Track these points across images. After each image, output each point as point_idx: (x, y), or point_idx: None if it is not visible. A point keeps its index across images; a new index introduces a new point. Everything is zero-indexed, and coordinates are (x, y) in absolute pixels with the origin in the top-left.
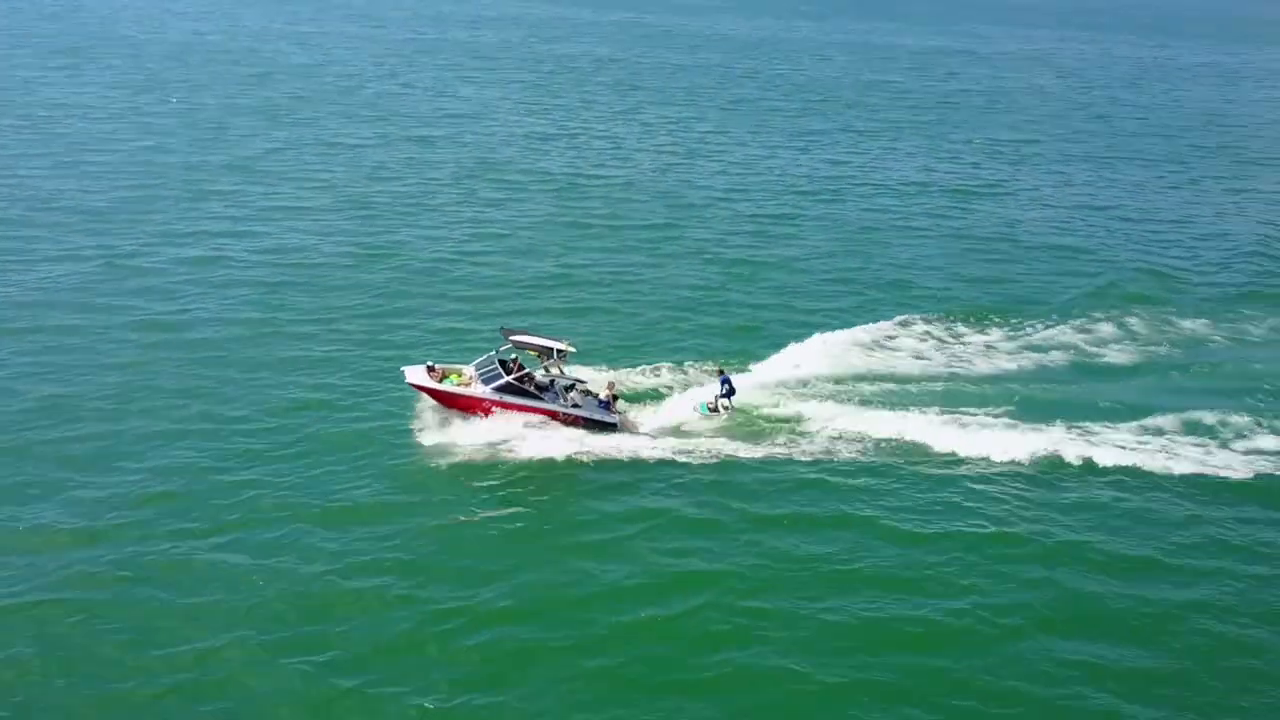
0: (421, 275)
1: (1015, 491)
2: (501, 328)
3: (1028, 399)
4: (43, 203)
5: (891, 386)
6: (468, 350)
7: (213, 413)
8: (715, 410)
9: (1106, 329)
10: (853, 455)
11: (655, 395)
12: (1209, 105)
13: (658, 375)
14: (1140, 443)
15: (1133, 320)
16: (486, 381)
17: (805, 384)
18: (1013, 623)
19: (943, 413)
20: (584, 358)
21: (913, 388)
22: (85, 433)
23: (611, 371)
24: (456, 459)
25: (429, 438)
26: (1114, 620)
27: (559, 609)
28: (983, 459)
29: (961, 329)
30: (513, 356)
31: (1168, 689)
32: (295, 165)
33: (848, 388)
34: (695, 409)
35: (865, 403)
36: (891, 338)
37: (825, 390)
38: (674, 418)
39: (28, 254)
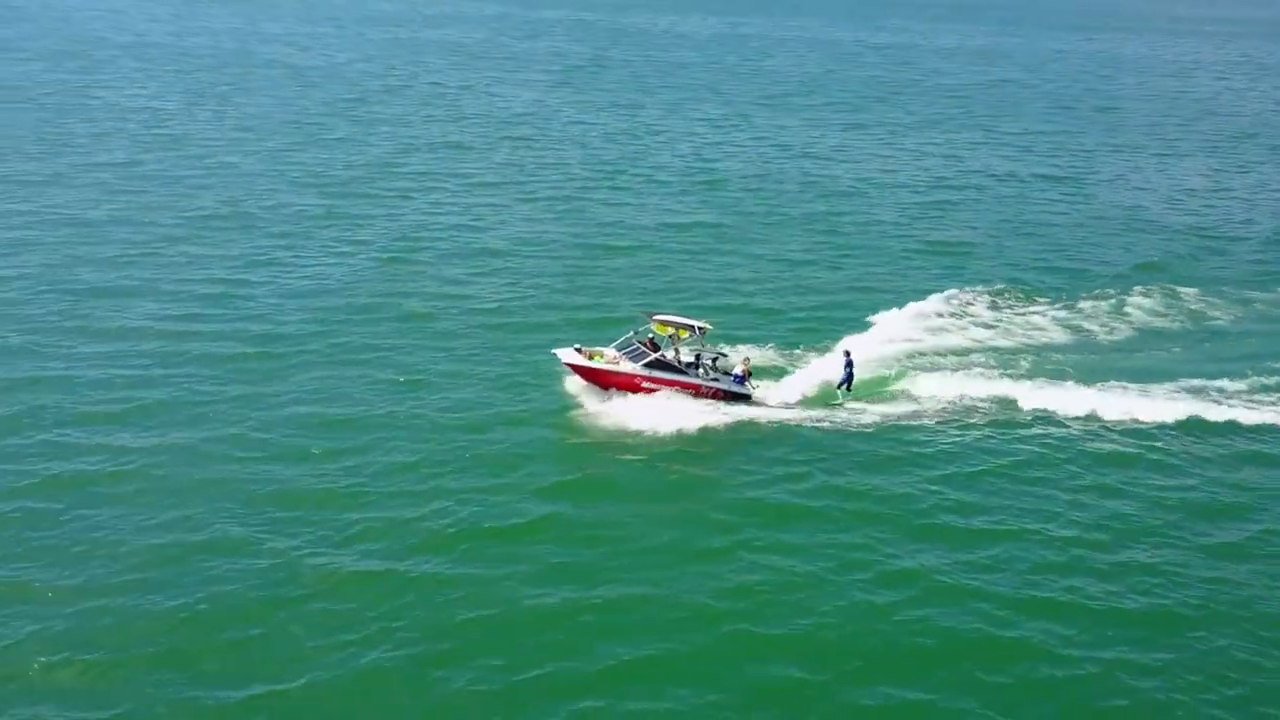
0: (561, 272)
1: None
2: (645, 311)
3: (1129, 364)
4: (247, 209)
5: (971, 357)
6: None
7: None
8: (843, 396)
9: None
10: (965, 418)
11: (779, 371)
12: (1190, 95)
13: (782, 353)
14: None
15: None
16: (635, 359)
17: (905, 356)
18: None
19: (1051, 380)
20: (716, 337)
21: (989, 356)
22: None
23: (745, 348)
24: (630, 431)
25: (601, 415)
26: None
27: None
28: (1121, 421)
29: (1032, 302)
30: (649, 337)
31: None
32: (440, 165)
33: (941, 357)
34: (839, 395)
35: (967, 369)
36: (962, 311)
37: (921, 361)
38: (800, 390)
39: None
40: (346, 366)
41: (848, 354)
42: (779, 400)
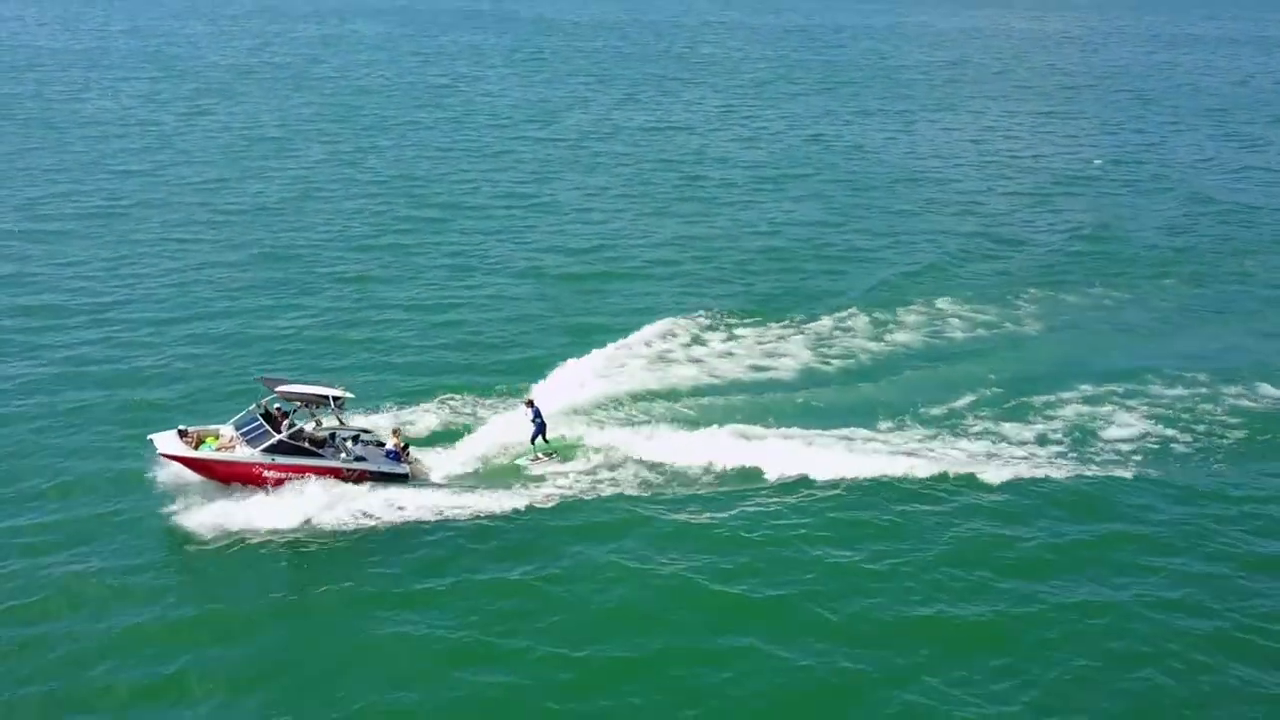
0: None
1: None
2: (259, 377)
3: (818, 405)
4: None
5: (683, 402)
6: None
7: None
8: (539, 450)
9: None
10: (664, 484)
11: (448, 435)
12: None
13: (447, 412)
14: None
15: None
16: (253, 443)
17: (599, 406)
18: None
19: (746, 429)
20: (356, 403)
21: (704, 400)
22: None
23: (394, 415)
24: (224, 542)
25: (189, 520)
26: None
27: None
28: (803, 476)
29: (734, 329)
30: (276, 406)
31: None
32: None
33: (642, 406)
34: (533, 449)
35: (661, 421)
36: (668, 345)
37: (619, 413)
38: (470, 459)
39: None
40: None
41: (532, 404)
42: (443, 475)
